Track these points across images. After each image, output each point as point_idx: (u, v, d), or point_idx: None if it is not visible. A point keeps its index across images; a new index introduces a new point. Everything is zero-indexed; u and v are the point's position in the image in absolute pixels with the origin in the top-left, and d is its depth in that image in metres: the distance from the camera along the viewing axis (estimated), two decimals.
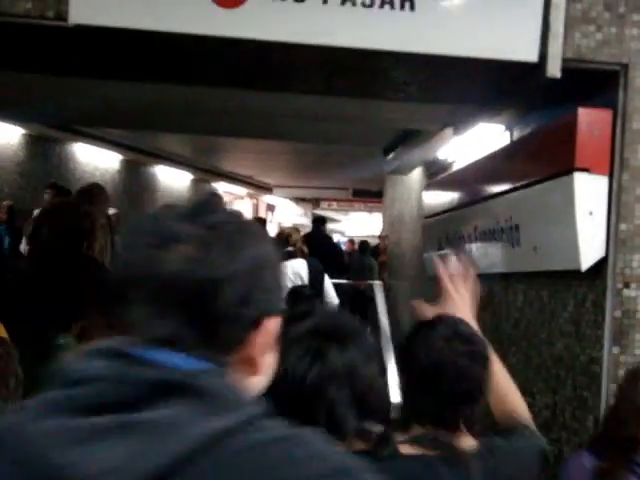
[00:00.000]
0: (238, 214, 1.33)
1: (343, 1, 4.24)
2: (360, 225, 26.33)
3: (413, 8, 4.28)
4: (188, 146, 15.01)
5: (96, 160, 13.90)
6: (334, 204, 23.89)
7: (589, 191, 4.51)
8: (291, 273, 7.52)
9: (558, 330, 5.07)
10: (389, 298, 10.69)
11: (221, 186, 19.58)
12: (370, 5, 4.26)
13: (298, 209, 24.95)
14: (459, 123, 6.35)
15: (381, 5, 4.26)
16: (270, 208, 24.40)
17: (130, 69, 5.53)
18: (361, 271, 14.02)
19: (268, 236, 1.38)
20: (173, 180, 17.57)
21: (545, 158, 5.01)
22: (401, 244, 11.02)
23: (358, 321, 2.06)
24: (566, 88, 4.61)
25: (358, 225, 26.71)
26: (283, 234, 8.09)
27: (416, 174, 9.83)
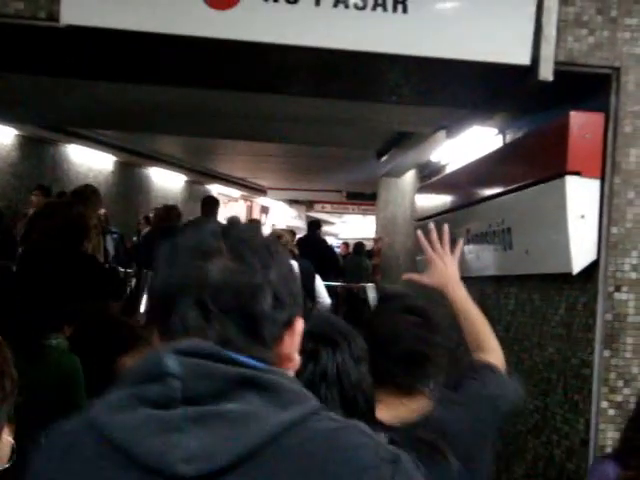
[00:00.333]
0: (259, 230, 1.52)
1: (336, 3, 4.24)
2: (354, 228, 26.34)
3: (406, 11, 4.28)
4: (182, 148, 15.02)
5: (90, 161, 13.90)
6: (328, 206, 23.88)
7: (581, 194, 4.51)
8: None
9: (549, 333, 5.07)
10: None
11: (215, 188, 19.57)
12: (363, 7, 4.26)
13: (292, 211, 24.93)
14: (452, 126, 6.36)
15: (374, 7, 4.26)
16: (264, 210, 24.39)
17: (123, 70, 5.52)
18: (357, 273, 14.02)
19: (283, 248, 1.54)
20: (167, 182, 17.57)
21: (537, 161, 5.01)
22: (394, 247, 11.02)
23: (350, 324, 2.18)
24: (559, 91, 4.62)
25: (352, 228, 26.71)
26: (274, 235, 8.11)
27: (409, 177, 9.84)
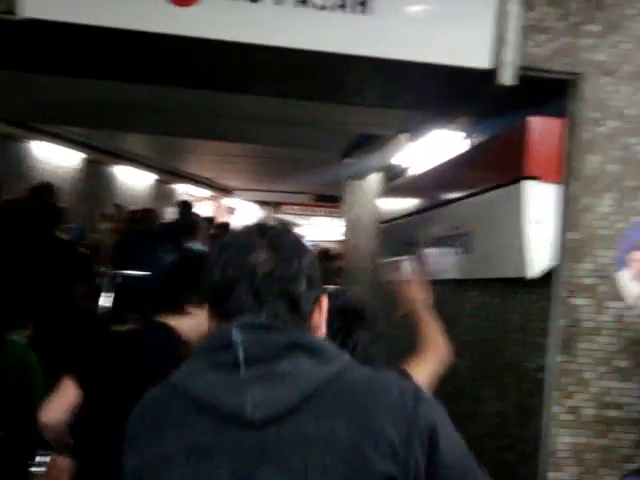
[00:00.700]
0: (289, 228, 1.93)
1: (297, 3, 4.22)
2: (322, 230, 26.31)
3: (368, 12, 4.27)
4: (150, 147, 14.92)
5: (56, 159, 13.75)
6: (296, 208, 23.84)
7: (538, 199, 4.53)
8: None
9: (507, 337, 5.09)
10: None
11: (183, 188, 19.49)
12: (324, 7, 4.25)
13: (259, 212, 24.87)
14: (414, 129, 6.36)
15: (335, 8, 4.25)
16: (230, 211, 24.30)
17: (91, 66, 5.46)
18: (324, 277, 14.04)
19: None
20: (135, 180, 17.45)
21: (496, 166, 5.03)
22: (358, 249, 11.01)
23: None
24: (520, 96, 4.63)
25: (320, 230, 26.69)
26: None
27: (373, 179, 9.83)
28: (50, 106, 8.63)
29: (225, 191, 21.72)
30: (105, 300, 8.25)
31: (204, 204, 20.85)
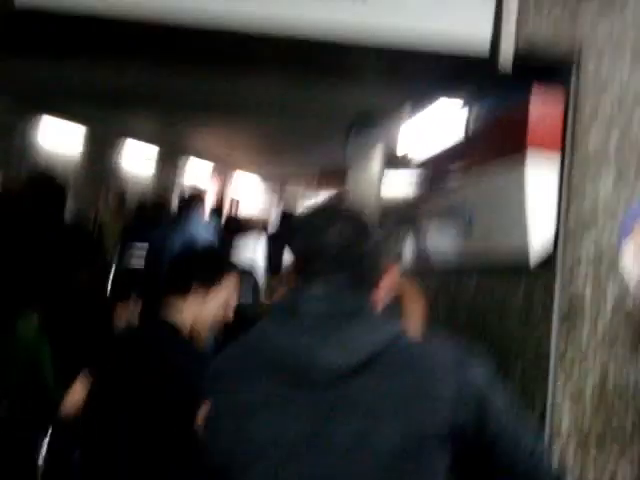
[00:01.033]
0: (360, 206, 2.22)
1: None
2: None
3: None
4: (155, 121, 14.88)
5: (61, 137, 13.74)
6: (301, 185, 23.78)
7: (540, 172, 4.51)
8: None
9: (509, 318, 5.07)
10: None
11: (188, 163, 19.49)
12: None
13: (263, 189, 24.87)
14: (417, 104, 6.33)
15: None
16: (235, 188, 24.28)
17: (91, 46, 5.44)
18: None
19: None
20: (139, 156, 17.42)
21: (499, 139, 5.00)
22: None
23: None
24: (522, 70, 4.59)
25: None
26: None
27: (377, 156, 9.80)
28: (54, 83, 8.63)
29: (230, 167, 21.68)
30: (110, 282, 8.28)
31: (210, 179, 20.85)
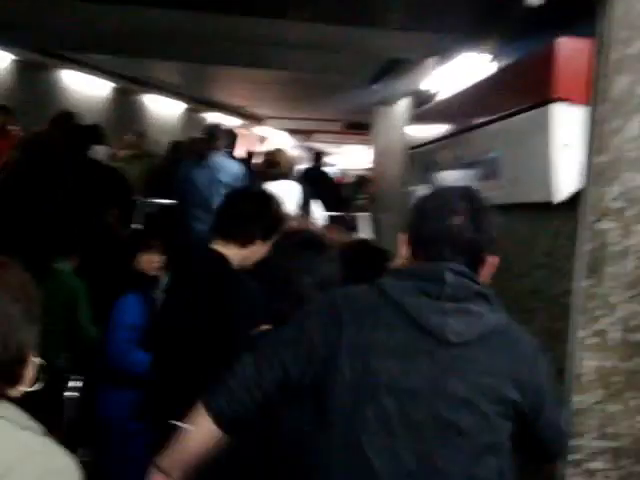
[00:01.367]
0: (486, 200, 2.53)
1: None
2: (353, 157, 26.21)
3: None
4: (180, 75, 14.85)
5: (86, 88, 13.74)
6: (327, 136, 23.73)
7: (565, 122, 4.46)
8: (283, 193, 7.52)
9: (533, 262, 5.07)
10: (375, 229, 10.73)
11: (213, 116, 19.44)
12: None
13: (291, 141, 24.79)
14: (442, 53, 6.28)
15: None
16: (262, 140, 24.24)
17: None
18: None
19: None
20: (164, 109, 17.43)
21: (524, 89, 4.94)
22: (387, 176, 10.97)
23: None
24: (548, 17, 4.54)
25: (352, 157, 26.59)
26: (271, 155, 8.06)
27: (402, 105, 9.74)
28: (80, 34, 8.61)
29: (256, 119, 21.63)
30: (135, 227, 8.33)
31: (242, 134, 20.80)
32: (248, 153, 14.35)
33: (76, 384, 5.59)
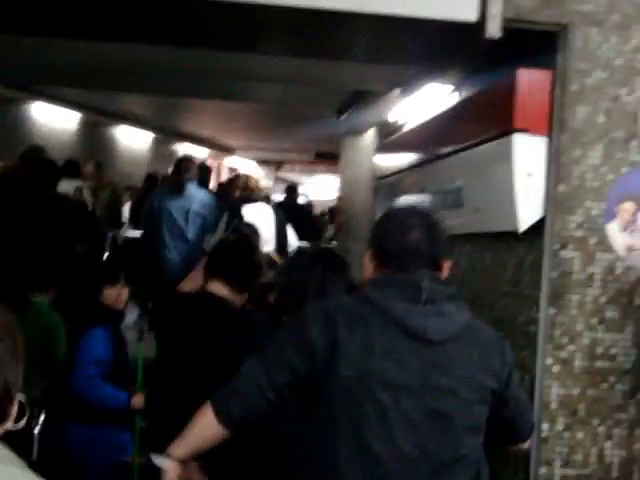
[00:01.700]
0: (437, 217, 2.86)
1: None
2: (323, 187, 26.23)
3: None
4: (149, 106, 14.84)
5: (54, 120, 13.70)
6: (296, 167, 23.79)
7: (528, 152, 4.52)
8: (254, 217, 7.56)
9: (499, 291, 5.10)
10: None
11: (183, 147, 19.44)
12: None
13: (261, 171, 24.81)
14: (406, 84, 6.33)
15: None
16: (232, 170, 24.25)
17: (88, 26, 5.42)
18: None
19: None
20: (134, 141, 17.40)
21: (486, 119, 5.00)
22: (355, 206, 11.02)
23: None
24: (509, 48, 4.60)
25: (321, 187, 26.61)
26: (240, 178, 8.16)
27: (370, 136, 9.81)
28: (48, 68, 8.59)
29: (226, 150, 21.65)
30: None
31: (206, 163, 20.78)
32: (219, 184, 14.38)
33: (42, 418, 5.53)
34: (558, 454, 4.49)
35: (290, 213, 9.61)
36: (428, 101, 6.60)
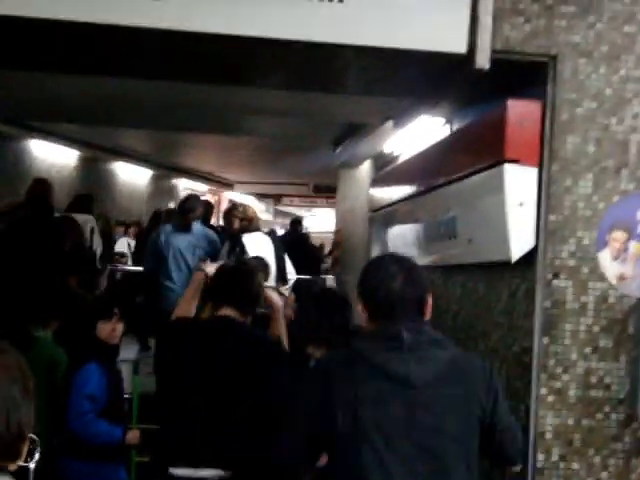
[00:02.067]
0: (410, 259, 3.15)
1: None
2: (323, 220, 26.28)
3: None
4: (147, 142, 14.92)
5: (53, 157, 13.75)
6: (296, 200, 23.85)
7: (519, 182, 4.53)
8: (255, 246, 7.61)
9: (493, 321, 5.09)
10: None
11: (182, 182, 19.52)
12: None
13: (260, 205, 24.87)
14: (399, 116, 6.36)
15: None
16: (232, 202, 24.28)
17: (82, 62, 5.44)
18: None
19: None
20: (132, 177, 17.47)
21: (477, 150, 5.03)
22: (352, 238, 11.03)
23: None
24: (499, 80, 4.64)
25: (321, 221, 26.65)
26: (237, 208, 8.27)
27: (365, 168, 9.84)
28: (46, 104, 8.63)
29: (225, 185, 21.73)
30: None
31: (204, 198, 20.85)
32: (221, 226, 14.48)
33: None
34: None
35: (292, 246, 9.75)
36: (421, 133, 6.63)
